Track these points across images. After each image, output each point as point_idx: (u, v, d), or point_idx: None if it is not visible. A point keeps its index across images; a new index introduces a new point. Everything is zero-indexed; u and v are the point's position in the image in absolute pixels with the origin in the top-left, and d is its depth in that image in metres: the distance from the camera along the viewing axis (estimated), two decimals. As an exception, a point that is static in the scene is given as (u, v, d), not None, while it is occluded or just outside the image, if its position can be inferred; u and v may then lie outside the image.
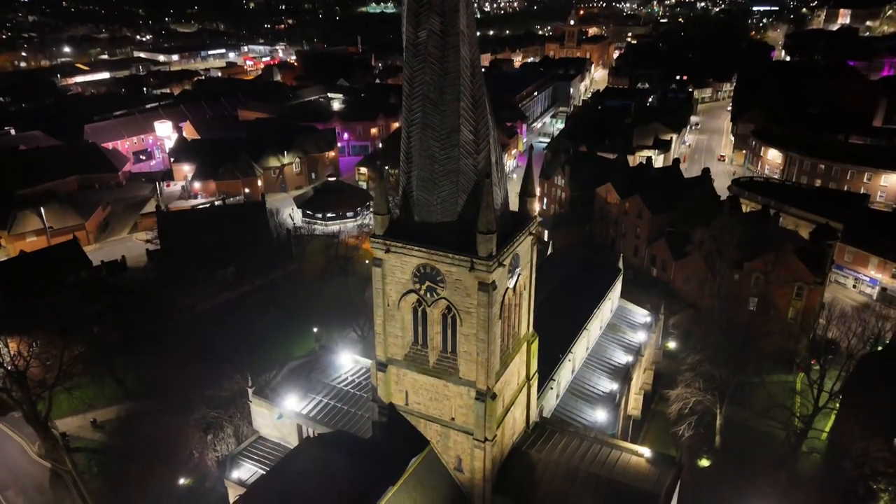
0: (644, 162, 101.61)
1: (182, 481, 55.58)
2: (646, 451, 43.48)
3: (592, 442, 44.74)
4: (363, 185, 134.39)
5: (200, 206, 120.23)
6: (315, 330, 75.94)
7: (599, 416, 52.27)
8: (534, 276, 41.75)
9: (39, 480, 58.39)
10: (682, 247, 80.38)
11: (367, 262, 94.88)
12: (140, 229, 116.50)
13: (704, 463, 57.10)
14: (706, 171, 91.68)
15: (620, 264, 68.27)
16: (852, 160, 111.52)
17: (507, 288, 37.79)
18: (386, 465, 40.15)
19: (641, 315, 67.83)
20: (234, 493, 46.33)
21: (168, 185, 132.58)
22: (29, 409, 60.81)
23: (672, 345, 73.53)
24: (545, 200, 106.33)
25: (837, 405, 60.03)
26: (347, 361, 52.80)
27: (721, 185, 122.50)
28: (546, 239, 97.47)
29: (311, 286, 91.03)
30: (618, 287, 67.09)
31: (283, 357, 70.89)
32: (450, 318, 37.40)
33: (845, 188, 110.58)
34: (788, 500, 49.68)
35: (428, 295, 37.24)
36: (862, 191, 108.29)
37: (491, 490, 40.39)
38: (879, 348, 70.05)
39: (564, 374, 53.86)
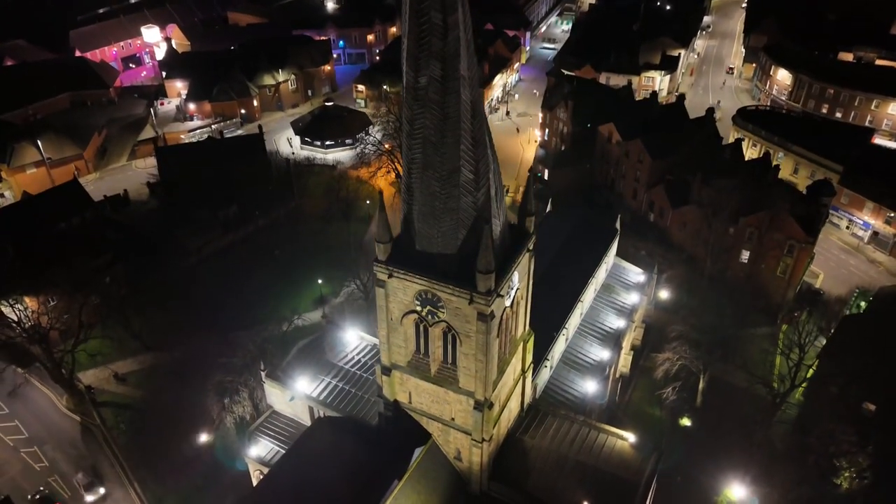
0: (649, 97, 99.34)
1: (203, 439, 60.28)
2: (630, 437, 47.34)
3: (581, 425, 48.56)
4: (361, 103, 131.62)
5: (198, 130, 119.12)
6: (319, 282, 79.05)
7: (590, 387, 55.88)
8: (531, 284, 43.40)
9: (72, 435, 63.30)
10: (681, 195, 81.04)
11: (366, 202, 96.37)
12: (138, 156, 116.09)
13: (686, 422, 61.69)
14: (710, 111, 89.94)
15: (618, 224, 69.35)
16: (862, 86, 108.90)
17: (505, 308, 39.68)
18: (393, 453, 44.04)
19: (635, 273, 69.90)
20: (254, 470, 50.86)
21: (162, 104, 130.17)
22: (53, 369, 64.64)
23: (664, 294, 76.12)
24: (546, 131, 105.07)
25: (813, 369, 63.70)
26: (353, 338, 55.62)
27: (728, 106, 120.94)
28: (546, 178, 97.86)
29: (313, 226, 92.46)
30: (614, 247, 68.64)
31: (290, 311, 74.72)
32: (450, 336, 39.61)
33: (851, 118, 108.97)
34: (757, 465, 54.33)
35: (429, 316, 39.19)
36: (868, 121, 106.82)
37: (487, 477, 44.60)
38: (862, 304, 72.87)
39: (558, 346, 56.85)
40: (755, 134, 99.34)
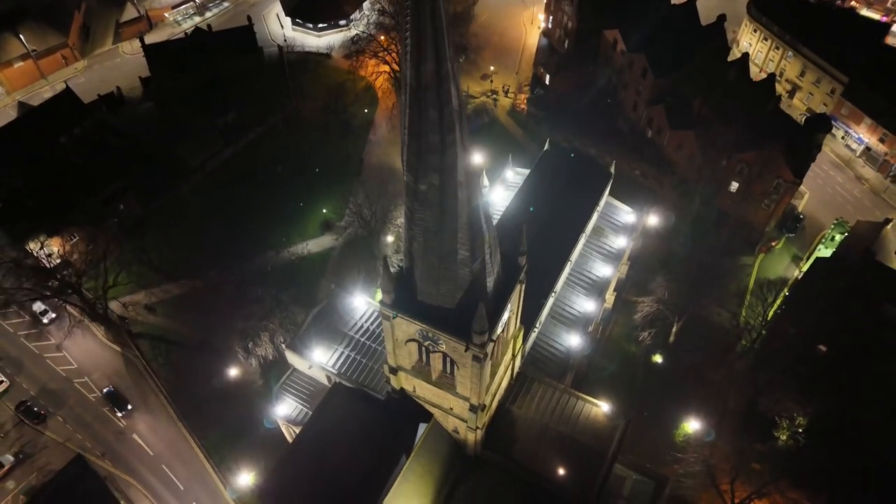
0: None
1: (232, 373, 68.64)
2: (604, 406, 55.18)
3: (562, 393, 56.24)
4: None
5: (182, 7, 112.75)
6: (324, 210, 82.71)
7: (574, 341, 62.70)
8: (520, 307, 47.98)
9: (116, 366, 71.65)
10: (681, 116, 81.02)
11: (365, 111, 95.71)
12: (124, 38, 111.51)
13: (657, 359, 69.57)
14: (721, 18, 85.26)
15: (612, 169, 71.06)
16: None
17: (498, 334, 44.86)
18: (400, 427, 52.30)
19: (625, 213, 73.13)
20: (283, 426, 59.65)
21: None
22: (89, 309, 71.17)
23: (653, 221, 79.78)
24: (550, 20, 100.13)
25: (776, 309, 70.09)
26: (361, 304, 61.22)
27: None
28: (547, 82, 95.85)
29: (312, 136, 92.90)
30: (606, 192, 71.08)
31: (298, 235, 79.50)
32: (448, 359, 45.31)
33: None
34: (714, 402, 63.02)
35: (430, 345, 44.56)
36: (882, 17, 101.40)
37: (481, 446, 53.21)
38: (837, 238, 77.01)
39: (546, 304, 62.62)
40: (768, 28, 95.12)
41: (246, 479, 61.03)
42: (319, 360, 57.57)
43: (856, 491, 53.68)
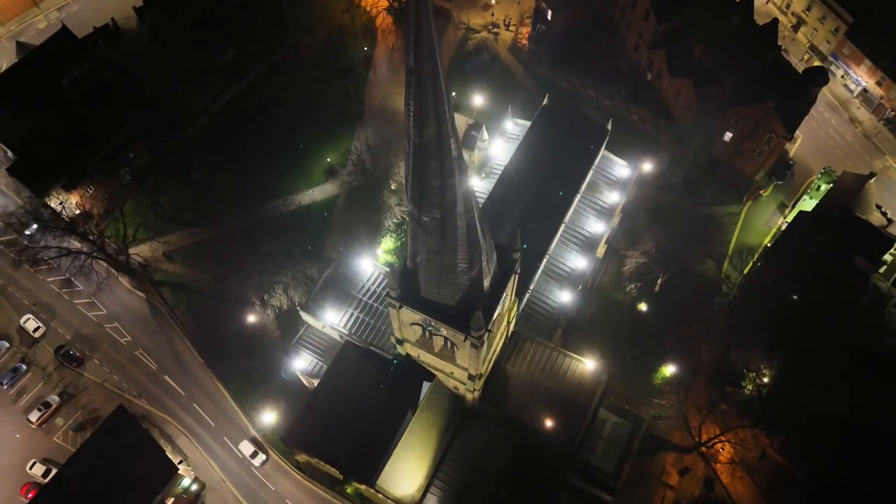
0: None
1: (250, 319, 74.36)
2: (589, 363, 61.39)
3: (552, 351, 62.34)
4: None
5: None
6: (328, 160, 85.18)
7: (566, 297, 67.90)
8: (514, 288, 52.58)
9: (143, 312, 77.41)
10: (681, 63, 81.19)
11: (365, 49, 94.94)
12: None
13: (642, 307, 74.95)
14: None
15: (609, 126, 72.86)
16: None
17: (494, 319, 49.91)
18: (406, 385, 58.96)
19: (620, 167, 75.75)
20: (301, 377, 66.27)
21: None
22: (112, 263, 75.94)
23: (647, 167, 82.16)
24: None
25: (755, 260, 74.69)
26: (368, 267, 65.86)
27: None
28: (549, 18, 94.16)
29: (313, 73, 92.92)
30: (602, 148, 73.25)
31: (303, 182, 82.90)
32: (449, 341, 50.69)
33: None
34: (692, 354, 69.17)
35: (432, 329, 49.80)
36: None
37: (478, 401, 59.95)
38: (822, 188, 79.90)
39: (541, 265, 67.19)
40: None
41: (269, 417, 68.67)
42: (331, 321, 63.15)
43: (809, 434, 61.15)
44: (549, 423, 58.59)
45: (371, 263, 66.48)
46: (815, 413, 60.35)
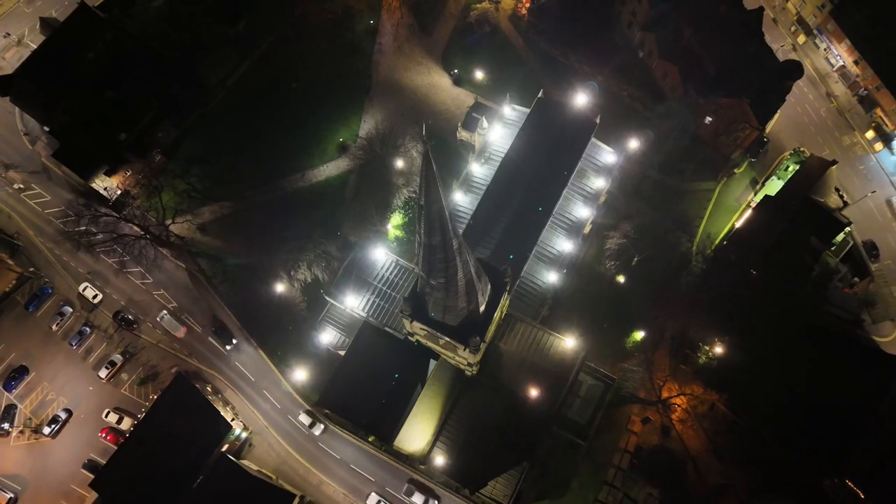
0: None
1: (279, 289, 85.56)
2: (570, 341, 73.25)
3: (538, 331, 74.02)
4: None
5: None
6: (341, 140, 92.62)
7: (552, 277, 78.61)
8: (507, 301, 63.29)
9: (184, 281, 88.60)
10: (670, 46, 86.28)
11: (371, 22, 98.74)
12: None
13: (620, 279, 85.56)
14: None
15: (598, 119, 79.89)
16: None
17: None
18: (416, 360, 71.52)
19: (607, 153, 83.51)
20: (328, 347, 78.65)
21: None
22: (157, 244, 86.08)
23: (633, 144, 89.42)
24: None
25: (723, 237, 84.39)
26: (381, 256, 76.17)
27: None
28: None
29: (322, 45, 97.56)
30: (590, 137, 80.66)
31: (317, 161, 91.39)
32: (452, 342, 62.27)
33: None
34: (658, 322, 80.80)
35: (437, 336, 61.26)
36: None
37: (476, 373, 72.56)
38: (790, 168, 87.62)
39: (530, 254, 77.27)
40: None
41: (301, 374, 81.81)
42: (352, 305, 74.58)
43: (750, 391, 74.37)
44: (534, 392, 71.47)
45: (384, 252, 76.69)
46: (757, 373, 73.26)
